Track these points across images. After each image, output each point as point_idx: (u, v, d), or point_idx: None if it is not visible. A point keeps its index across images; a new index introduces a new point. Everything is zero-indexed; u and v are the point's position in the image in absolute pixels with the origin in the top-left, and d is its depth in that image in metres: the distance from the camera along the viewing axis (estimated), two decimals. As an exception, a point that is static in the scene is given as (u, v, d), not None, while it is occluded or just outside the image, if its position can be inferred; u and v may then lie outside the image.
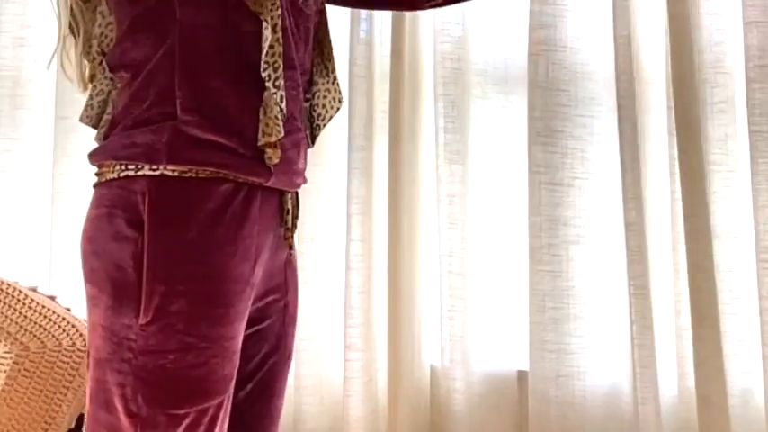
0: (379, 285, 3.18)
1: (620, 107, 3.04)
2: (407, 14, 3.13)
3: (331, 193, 3.24)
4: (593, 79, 3.16)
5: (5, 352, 2.54)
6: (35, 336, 2.57)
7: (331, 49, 2.08)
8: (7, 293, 2.60)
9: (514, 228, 3.18)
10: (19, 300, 2.61)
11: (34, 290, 2.69)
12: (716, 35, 3.11)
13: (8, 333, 2.55)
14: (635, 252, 2.98)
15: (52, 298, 2.68)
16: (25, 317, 2.59)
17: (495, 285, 3.20)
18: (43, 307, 2.62)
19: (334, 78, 2.06)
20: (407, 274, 3.17)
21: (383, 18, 3.18)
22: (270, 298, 1.95)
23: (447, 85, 3.18)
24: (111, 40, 1.90)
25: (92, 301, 1.80)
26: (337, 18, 3.10)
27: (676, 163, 3.06)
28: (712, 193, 3.01)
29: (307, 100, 2.00)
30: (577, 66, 3.16)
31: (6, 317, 2.58)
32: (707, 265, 2.96)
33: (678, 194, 3.01)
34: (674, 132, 3.05)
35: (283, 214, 1.94)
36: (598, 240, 3.10)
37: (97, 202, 1.82)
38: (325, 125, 2.06)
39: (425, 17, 3.20)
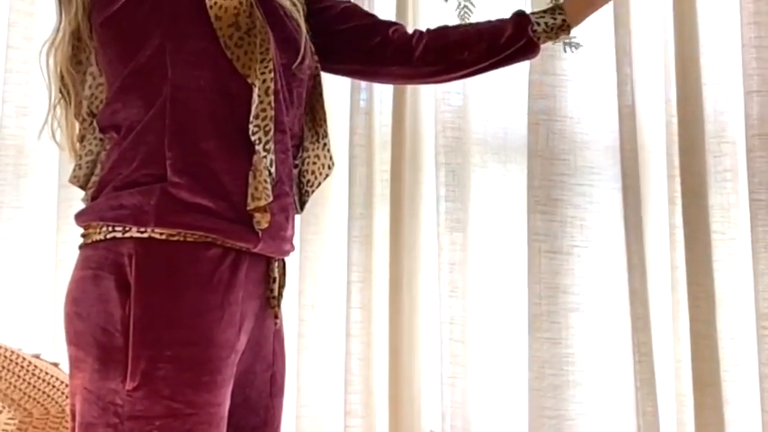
0: (379, 352, 3.18)
1: (624, 176, 3.06)
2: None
3: (331, 261, 3.25)
4: (592, 148, 3.18)
5: (9, 418, 2.55)
6: (38, 402, 2.58)
7: (323, 114, 2.08)
8: (11, 360, 2.61)
9: (514, 295, 3.18)
10: (22, 366, 2.62)
11: (37, 357, 2.70)
12: (720, 105, 3.13)
13: (12, 400, 2.56)
14: (639, 320, 2.99)
15: (55, 365, 2.69)
16: (29, 383, 2.60)
17: (496, 352, 3.20)
18: (46, 374, 2.63)
19: (325, 144, 2.06)
20: (408, 342, 3.17)
21: (383, 87, 3.21)
22: (257, 368, 1.94)
23: (448, 153, 3.21)
24: (102, 101, 1.92)
25: (76, 365, 1.79)
26: (337, 87, 3.15)
27: (677, 231, 3.08)
28: (715, 261, 3.02)
29: (296, 166, 2.00)
30: (577, 135, 3.18)
31: (10, 383, 2.58)
32: (710, 333, 2.96)
33: (678, 262, 3.02)
34: (676, 201, 3.07)
35: (269, 282, 1.93)
36: (597, 308, 3.10)
37: (83, 264, 1.82)
38: (313, 191, 2.05)
39: (426, 87, 3.22)
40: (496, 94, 3.26)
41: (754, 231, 2.99)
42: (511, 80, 3.23)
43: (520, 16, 2.19)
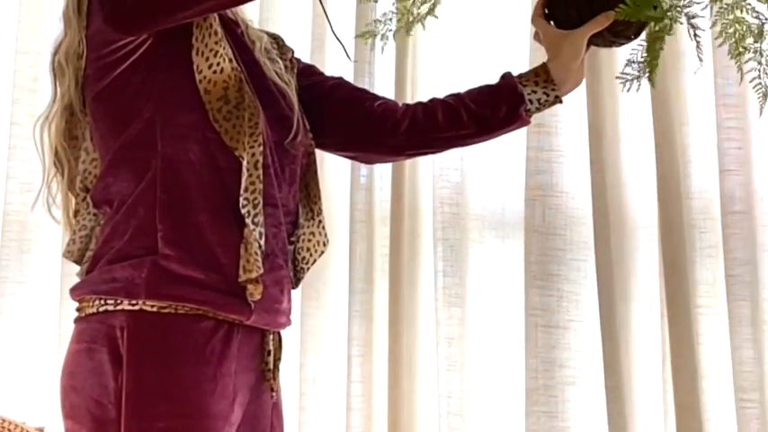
0: (379, 426, 3.19)
1: (612, 251, 3.10)
2: (407, 161, 3.20)
3: (332, 335, 3.26)
4: (587, 224, 3.21)
5: (13, 491, 2.56)
6: (42, 475, 2.59)
7: (318, 192, 2.10)
8: (16, 434, 2.63)
9: (511, 369, 3.20)
10: (27, 440, 2.64)
11: (41, 430, 2.71)
12: (703, 182, 3.16)
13: (17, 473, 2.58)
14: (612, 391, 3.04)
15: (59, 438, 2.71)
16: (33, 457, 2.62)
17: (493, 426, 3.20)
18: (50, 447, 2.65)
19: (320, 222, 2.07)
20: (407, 415, 3.18)
21: (383, 164, 3.25)
22: None
23: (446, 229, 3.24)
24: (95, 176, 1.94)
25: None
26: (338, 163, 3.20)
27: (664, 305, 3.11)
28: (698, 335, 3.04)
29: (291, 242, 2.01)
30: (573, 210, 3.21)
31: (15, 457, 2.60)
32: (693, 404, 2.98)
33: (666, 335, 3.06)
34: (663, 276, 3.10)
35: (264, 355, 1.94)
36: (593, 381, 3.11)
37: (77, 338, 1.85)
38: (308, 268, 2.07)
39: (424, 163, 3.27)
40: (494, 171, 3.29)
41: (730, 306, 3.01)
42: (508, 157, 3.27)
43: (512, 95, 2.17)
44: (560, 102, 2.21)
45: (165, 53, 1.85)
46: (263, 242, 1.84)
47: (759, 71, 2.18)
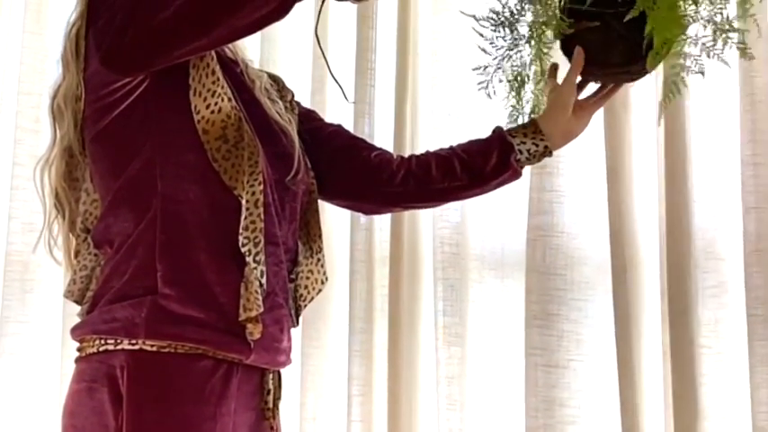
0: (379, 465, 3.21)
1: (614, 293, 3.11)
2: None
3: (332, 374, 3.27)
4: (588, 264, 3.23)
5: None
6: None
7: (318, 230, 2.11)
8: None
9: (512, 408, 3.20)
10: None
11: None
12: (708, 222, 3.18)
13: None
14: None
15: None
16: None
17: (493, 465, 3.22)
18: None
19: (319, 260, 2.08)
20: (408, 455, 3.20)
21: (379, 211, 3.26)
22: None
23: (446, 269, 3.25)
24: (96, 217, 1.95)
25: None
26: (338, 205, 3.21)
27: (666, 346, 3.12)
28: (701, 375, 3.04)
29: (291, 280, 2.02)
30: (573, 251, 3.23)
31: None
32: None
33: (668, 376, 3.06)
34: (666, 317, 3.11)
35: (264, 394, 1.94)
36: (593, 421, 3.12)
37: (78, 377, 1.86)
38: (306, 305, 2.07)
39: (424, 203, 3.29)
40: (493, 212, 3.31)
41: (750, 345, 3.01)
42: (507, 198, 3.28)
43: (502, 144, 2.22)
44: (550, 154, 2.26)
45: (163, 94, 1.87)
46: (264, 281, 1.85)
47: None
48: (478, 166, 2.22)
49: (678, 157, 3.16)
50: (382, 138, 3.25)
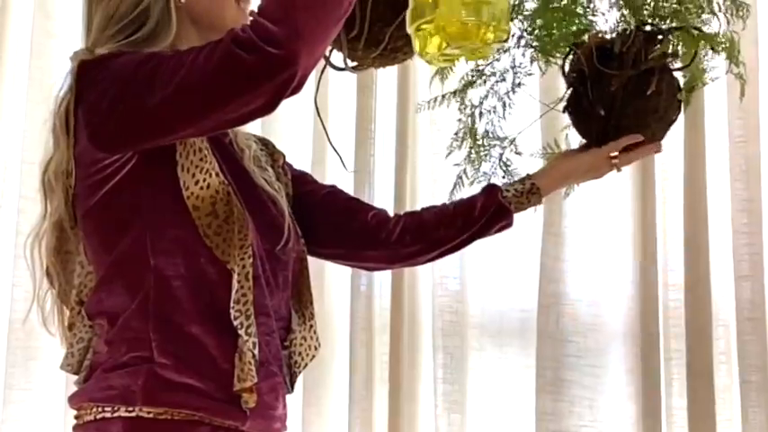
0: None
1: (643, 358, 3.14)
2: (406, 269, 3.24)
3: (333, 442, 3.29)
4: (601, 330, 3.25)
5: None
6: None
7: (310, 297, 2.11)
8: None
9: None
10: None
11: None
12: (713, 290, 3.21)
13: None
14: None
15: None
16: None
17: None
18: None
19: (311, 326, 2.09)
20: None
21: (382, 272, 3.29)
22: None
23: (446, 337, 3.28)
24: (90, 289, 1.96)
25: None
26: (338, 272, 3.23)
27: (677, 412, 3.14)
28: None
29: (285, 347, 2.02)
30: (587, 317, 3.26)
31: None
32: None
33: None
34: (673, 383, 3.14)
35: None
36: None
37: (76, 445, 1.89)
38: (300, 371, 2.07)
39: (424, 271, 3.31)
40: (493, 280, 3.35)
41: (744, 412, 3.03)
42: (507, 266, 3.32)
43: (490, 186, 2.28)
44: (537, 190, 2.27)
45: (151, 170, 1.87)
46: (257, 351, 1.86)
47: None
48: (469, 209, 2.25)
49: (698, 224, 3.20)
50: (382, 206, 3.26)
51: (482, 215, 2.23)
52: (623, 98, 2.20)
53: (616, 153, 2.29)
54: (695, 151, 3.23)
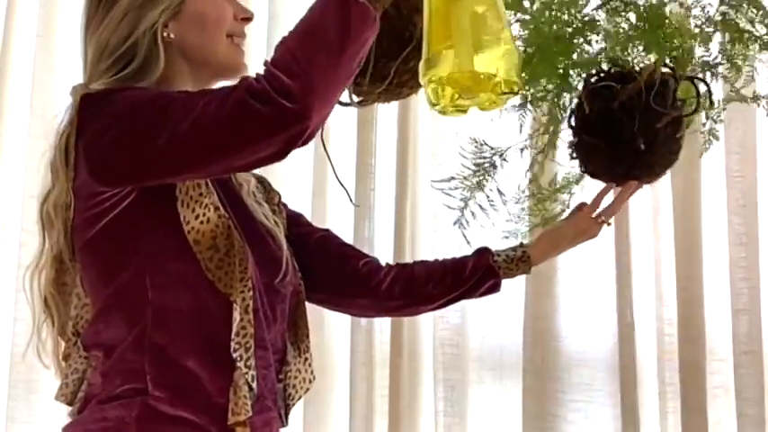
0: None
1: (620, 392, 3.14)
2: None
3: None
4: (588, 365, 3.25)
5: None
6: None
7: (306, 330, 2.12)
8: None
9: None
10: None
11: None
12: (709, 324, 3.21)
13: None
14: None
15: None
16: None
17: None
18: None
19: (306, 359, 2.09)
20: None
21: (382, 306, 3.29)
22: None
23: (446, 370, 3.29)
24: (87, 321, 1.96)
25: None
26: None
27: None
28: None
29: (280, 380, 2.03)
30: (572, 353, 3.26)
31: None
32: None
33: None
34: (668, 416, 3.13)
35: None
36: None
37: (70, 477, 1.89)
38: (294, 404, 2.07)
39: (424, 305, 3.32)
40: (492, 313, 3.36)
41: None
42: (506, 300, 3.32)
43: (482, 249, 2.32)
44: (528, 258, 2.31)
45: (150, 205, 1.87)
46: (255, 385, 1.86)
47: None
48: (459, 269, 2.28)
49: (690, 259, 3.21)
50: (382, 240, 3.31)
51: (472, 276, 2.28)
52: (664, 137, 2.21)
53: (599, 211, 2.35)
54: (691, 186, 3.24)
